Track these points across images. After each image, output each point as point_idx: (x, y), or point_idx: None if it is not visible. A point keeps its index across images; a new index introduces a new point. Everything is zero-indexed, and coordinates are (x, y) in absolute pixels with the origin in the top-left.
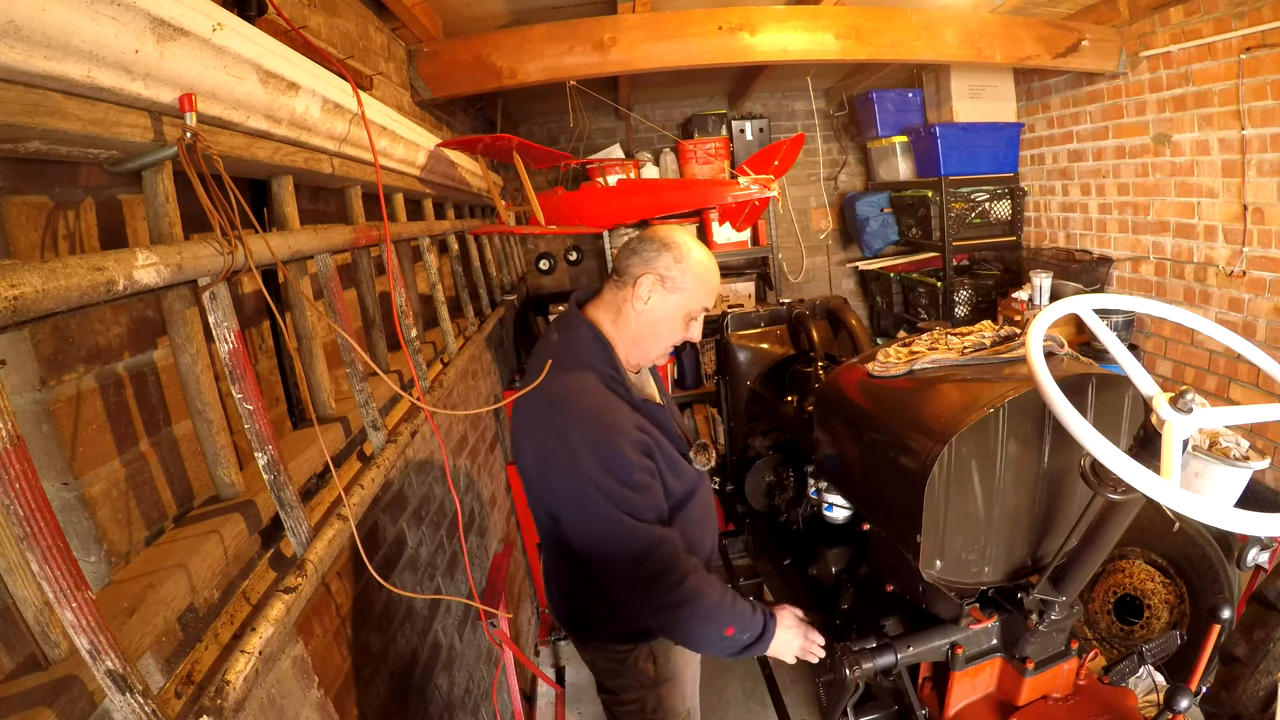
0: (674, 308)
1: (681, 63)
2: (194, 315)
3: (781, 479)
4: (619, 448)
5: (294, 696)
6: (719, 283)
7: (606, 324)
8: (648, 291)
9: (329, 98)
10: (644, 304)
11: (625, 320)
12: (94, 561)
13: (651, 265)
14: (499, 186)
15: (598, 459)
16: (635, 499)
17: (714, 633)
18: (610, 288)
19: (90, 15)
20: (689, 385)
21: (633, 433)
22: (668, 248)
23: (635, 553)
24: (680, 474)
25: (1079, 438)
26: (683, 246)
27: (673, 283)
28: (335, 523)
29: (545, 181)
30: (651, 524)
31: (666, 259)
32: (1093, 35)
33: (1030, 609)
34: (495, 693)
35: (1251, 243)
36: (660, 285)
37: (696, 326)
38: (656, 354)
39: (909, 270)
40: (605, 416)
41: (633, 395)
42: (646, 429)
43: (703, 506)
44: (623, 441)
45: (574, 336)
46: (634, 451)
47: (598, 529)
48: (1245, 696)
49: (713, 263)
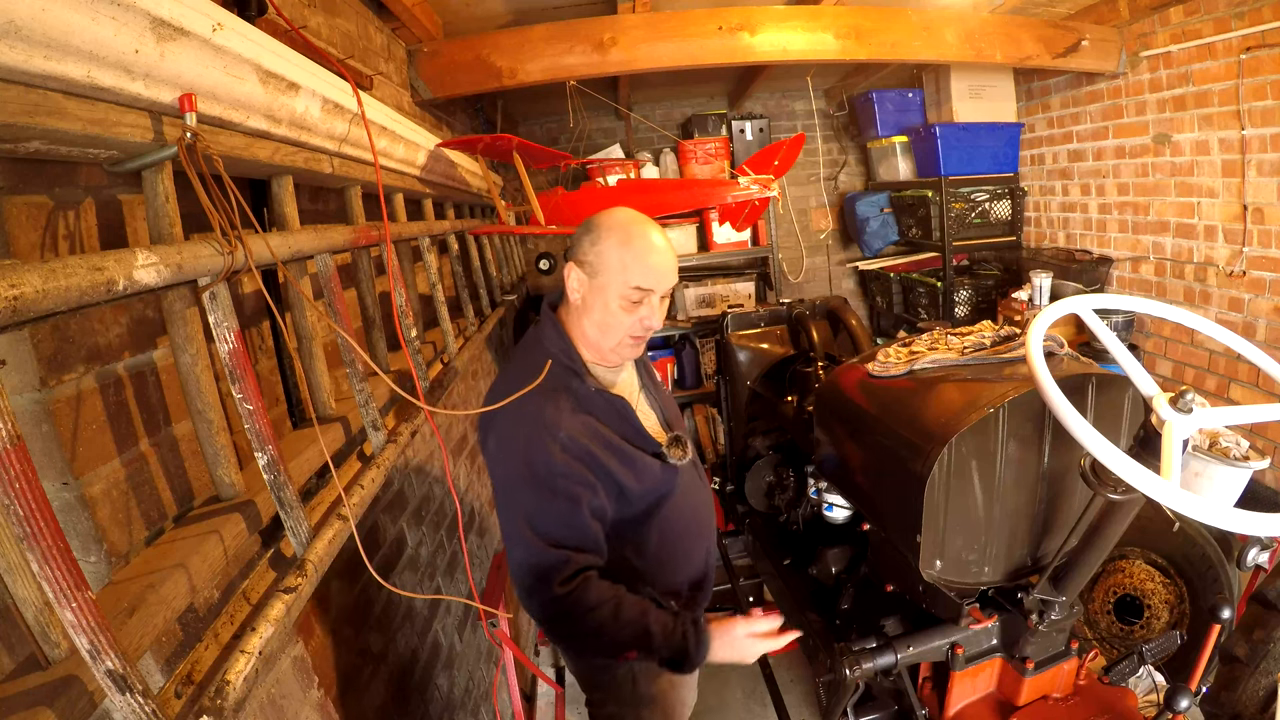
0: (600, 293)
1: (681, 63)
2: (194, 315)
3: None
4: (545, 446)
5: (294, 696)
6: (662, 262)
7: (562, 311)
8: (575, 281)
9: (329, 98)
10: (576, 295)
11: (574, 314)
12: (94, 561)
13: (573, 254)
14: (499, 186)
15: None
16: (544, 504)
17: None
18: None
19: (90, 15)
20: (689, 385)
21: (569, 433)
22: (587, 230)
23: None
24: (641, 474)
25: (1079, 438)
26: (601, 226)
27: (591, 267)
28: (335, 523)
29: (545, 181)
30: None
31: (584, 243)
32: (1093, 35)
33: (1030, 609)
34: (495, 693)
35: (1251, 243)
36: (581, 271)
37: (650, 309)
38: (612, 345)
39: (909, 270)
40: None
41: (585, 384)
42: (593, 431)
43: (684, 517)
44: (551, 442)
45: (536, 329)
46: (561, 453)
47: (504, 523)
48: (1245, 696)
49: (646, 240)
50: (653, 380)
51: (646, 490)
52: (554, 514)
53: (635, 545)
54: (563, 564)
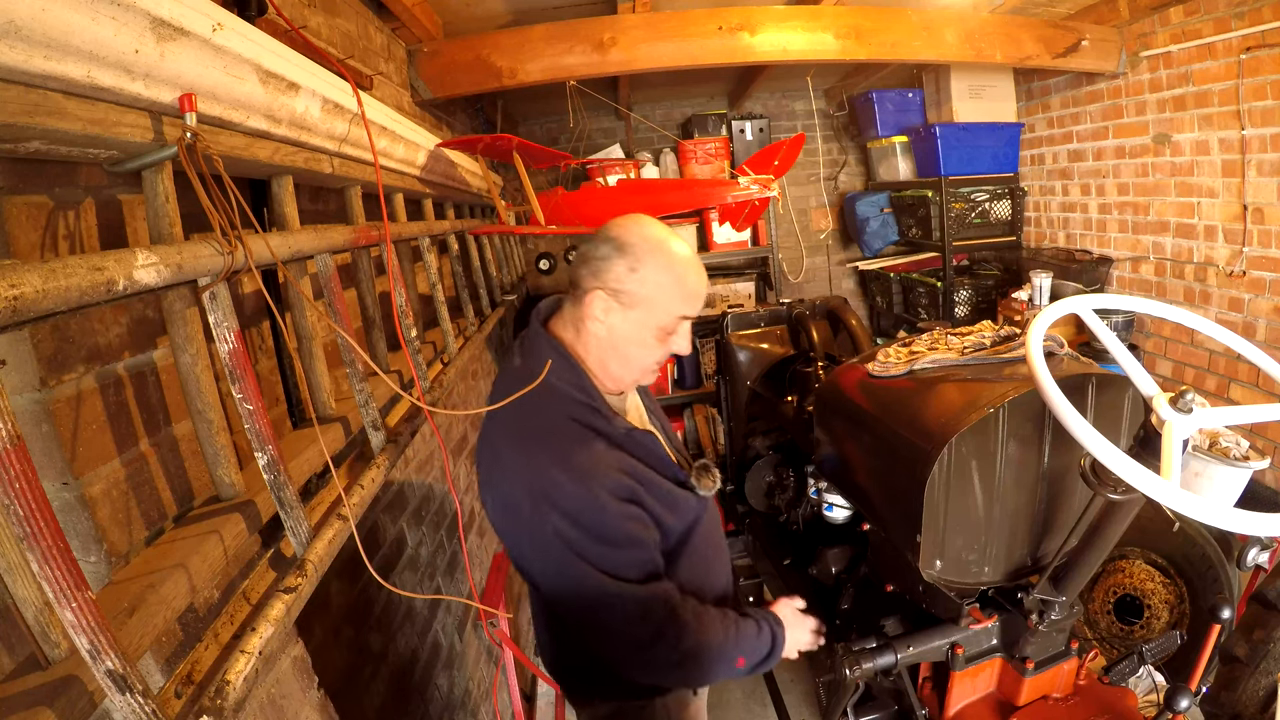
0: (639, 326)
1: (681, 63)
2: (194, 315)
3: (781, 479)
4: (594, 497)
5: (294, 696)
6: (700, 282)
7: (568, 339)
8: (602, 310)
9: (329, 98)
10: (600, 324)
11: (585, 341)
12: (94, 561)
13: (601, 278)
14: (499, 186)
15: (566, 512)
16: (615, 556)
17: (725, 670)
18: (569, 300)
19: (90, 15)
20: (689, 385)
21: (612, 477)
22: (621, 253)
23: (627, 615)
24: (678, 509)
25: (1079, 438)
26: (640, 249)
27: (630, 297)
28: (335, 523)
29: (545, 181)
30: (637, 582)
31: (619, 268)
32: (1093, 35)
33: (1030, 609)
34: (495, 693)
35: (1251, 243)
36: (614, 301)
37: (681, 339)
38: (632, 378)
39: (909, 270)
40: (576, 460)
41: (614, 426)
42: (631, 468)
43: (708, 540)
44: (599, 490)
45: (537, 359)
46: (613, 500)
47: (576, 590)
48: (1245, 696)
49: (687, 261)
50: (650, 398)
51: (681, 523)
52: (629, 561)
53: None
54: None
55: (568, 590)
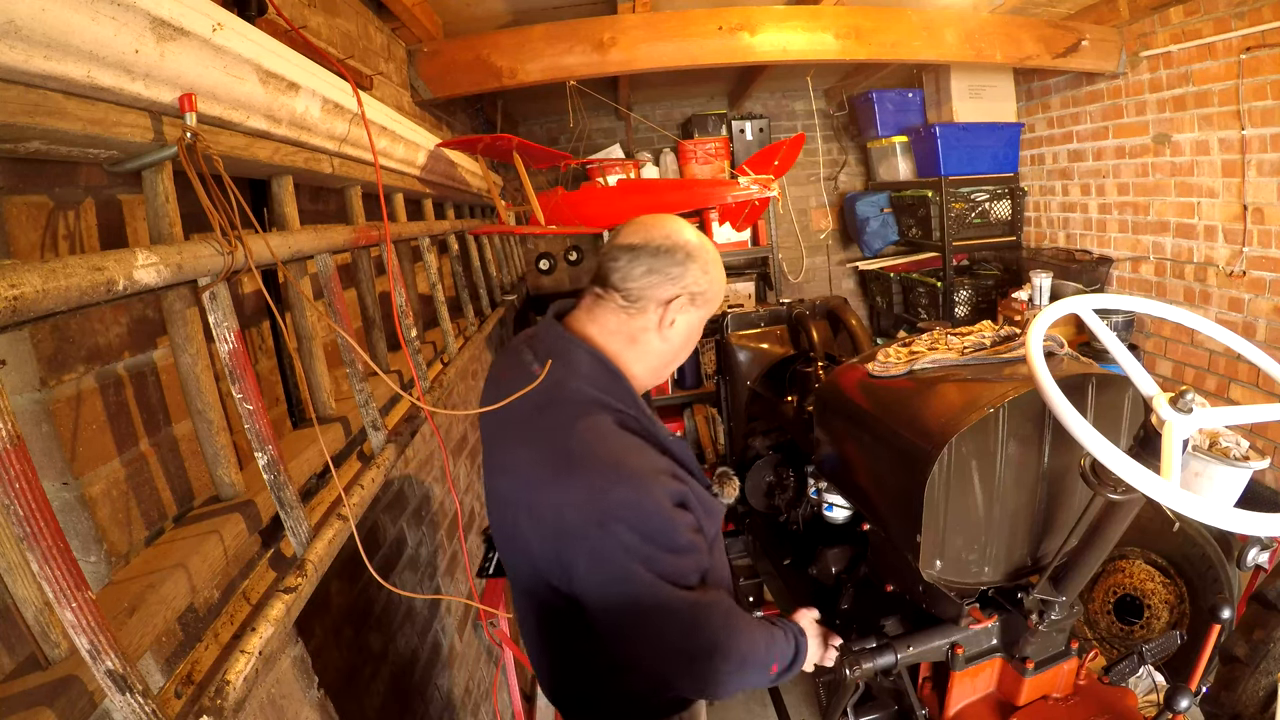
0: (700, 320)
1: (681, 63)
2: (194, 315)
3: (781, 479)
4: (657, 504)
5: (294, 696)
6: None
7: (612, 349)
8: (680, 314)
9: (329, 98)
10: (675, 330)
11: (646, 349)
12: (94, 561)
13: (681, 284)
14: (499, 186)
15: (637, 529)
16: (681, 563)
17: (760, 677)
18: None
19: (90, 15)
20: (689, 385)
21: (665, 482)
22: (692, 258)
23: (685, 626)
24: (713, 514)
25: (1079, 438)
26: (703, 252)
27: (703, 297)
28: (335, 523)
29: (545, 181)
30: (696, 589)
31: (694, 272)
32: (1093, 35)
33: (1030, 609)
34: (495, 693)
35: (1251, 243)
36: (690, 304)
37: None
38: (669, 373)
39: (909, 270)
40: (634, 468)
41: (658, 432)
42: (677, 473)
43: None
44: (661, 498)
45: (568, 368)
46: (673, 508)
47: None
48: (1245, 696)
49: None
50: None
51: (714, 529)
52: (691, 567)
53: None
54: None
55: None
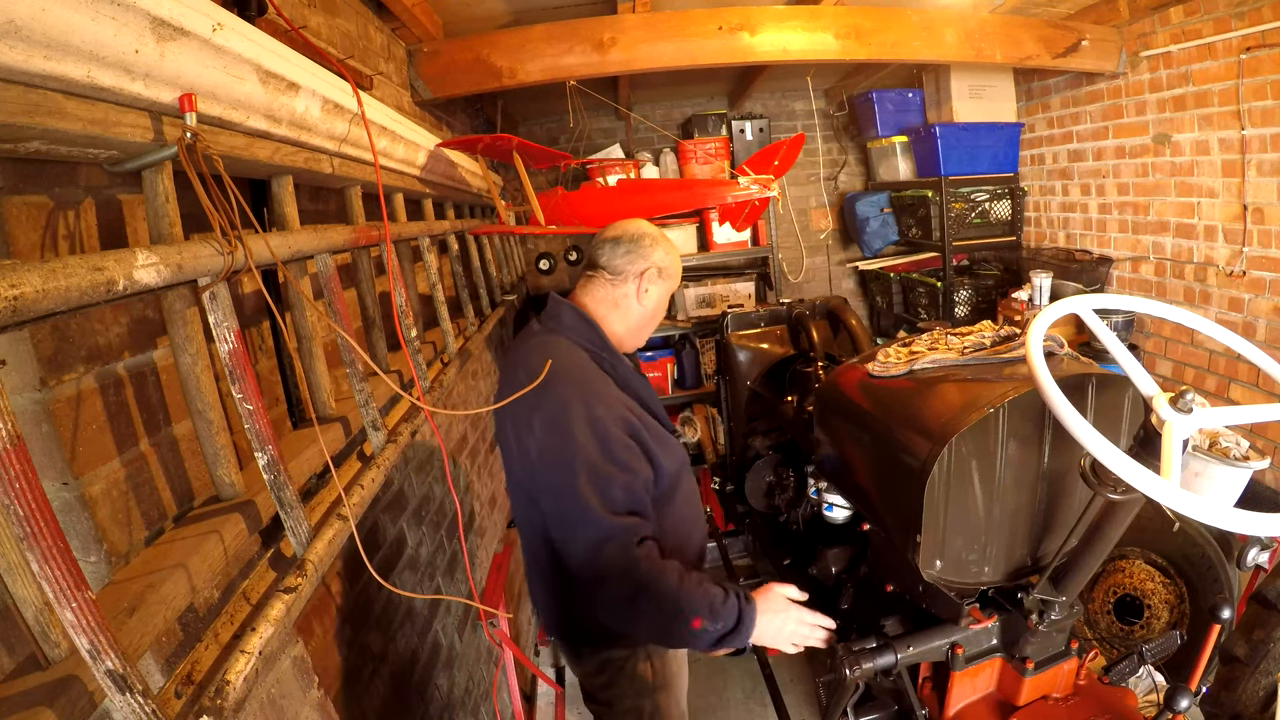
0: (666, 292)
1: (681, 63)
2: (194, 315)
3: (781, 479)
4: (610, 422)
5: (294, 696)
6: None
7: (599, 312)
8: (652, 283)
9: (329, 98)
10: (649, 295)
11: (626, 313)
12: (94, 561)
13: (650, 259)
14: (499, 186)
15: (585, 430)
16: (617, 477)
17: (680, 627)
18: (600, 285)
19: (90, 15)
20: (689, 385)
21: (619, 409)
22: (657, 243)
23: (597, 538)
24: (669, 448)
25: (1079, 438)
26: (657, 236)
27: (667, 271)
28: (335, 523)
29: (545, 181)
30: (619, 514)
31: (659, 252)
32: (1093, 35)
33: (1030, 609)
34: (495, 693)
35: (1251, 243)
36: (659, 276)
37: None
38: (646, 337)
39: (909, 270)
40: (596, 391)
41: (620, 368)
42: (633, 407)
43: (690, 493)
44: (610, 417)
45: (557, 320)
46: (620, 430)
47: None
48: (1245, 696)
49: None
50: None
51: (672, 469)
52: (620, 485)
53: (660, 524)
54: (635, 529)
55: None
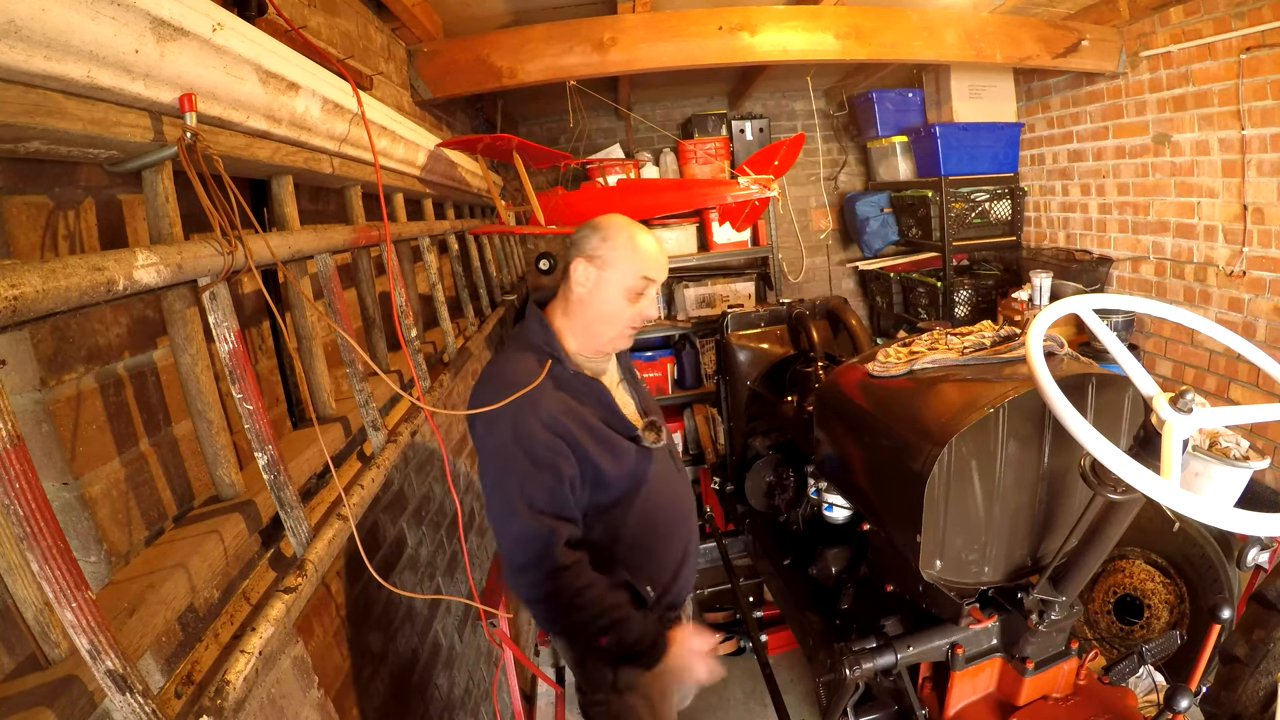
0: (612, 286)
1: (681, 63)
2: (194, 315)
3: (781, 479)
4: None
5: (294, 696)
6: (658, 250)
7: (558, 316)
8: (582, 274)
9: (329, 98)
10: (583, 289)
11: (572, 309)
12: (94, 561)
13: (579, 249)
14: (499, 186)
15: (516, 430)
16: (537, 476)
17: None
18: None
19: (90, 15)
20: (689, 385)
21: (549, 410)
22: (594, 229)
23: (514, 537)
24: (617, 454)
25: (1079, 438)
26: (609, 225)
27: (602, 260)
28: (335, 523)
29: (545, 181)
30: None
31: (593, 240)
32: (1093, 35)
33: (1030, 609)
34: (495, 693)
35: (1251, 243)
36: (590, 265)
37: (649, 302)
38: (610, 336)
39: (909, 270)
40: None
41: (564, 369)
42: (570, 409)
43: (661, 500)
44: (536, 418)
45: (520, 326)
46: (544, 430)
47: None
48: (1245, 696)
49: (646, 234)
50: (633, 376)
51: (623, 474)
52: (541, 485)
53: (613, 531)
54: (552, 533)
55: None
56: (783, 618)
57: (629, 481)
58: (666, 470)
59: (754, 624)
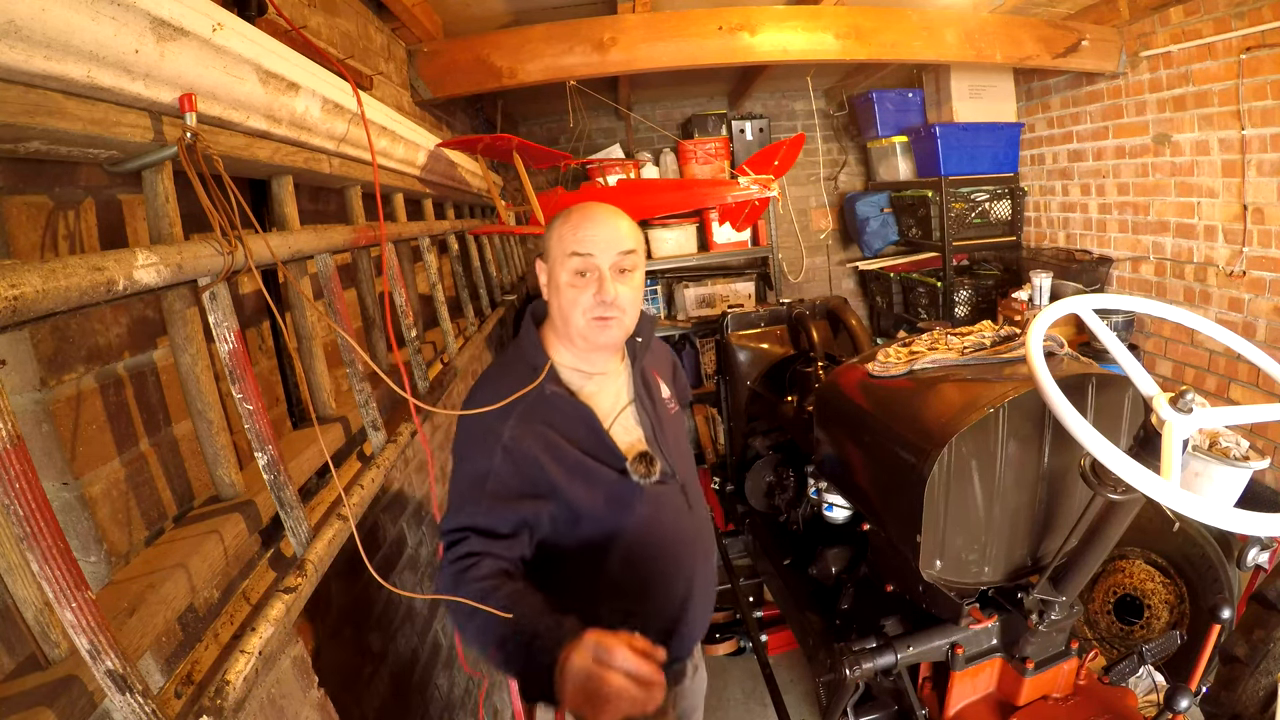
0: (553, 273)
1: (681, 63)
2: (194, 315)
3: (781, 479)
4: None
5: (294, 696)
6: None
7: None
8: (539, 273)
9: (329, 98)
10: (544, 288)
11: (550, 314)
12: (94, 561)
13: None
14: (499, 186)
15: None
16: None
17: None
18: None
19: (90, 15)
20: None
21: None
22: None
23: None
24: (592, 483)
25: (1079, 438)
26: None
27: (546, 252)
28: (335, 523)
29: (545, 181)
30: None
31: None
32: (1093, 35)
33: (1030, 609)
34: (495, 692)
35: (1251, 243)
36: (542, 262)
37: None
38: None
39: (909, 270)
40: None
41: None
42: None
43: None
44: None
45: (512, 343)
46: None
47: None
48: (1245, 696)
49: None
50: (651, 396)
51: (603, 507)
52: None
53: (593, 566)
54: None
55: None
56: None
57: (607, 513)
58: (667, 506)
59: (754, 624)
